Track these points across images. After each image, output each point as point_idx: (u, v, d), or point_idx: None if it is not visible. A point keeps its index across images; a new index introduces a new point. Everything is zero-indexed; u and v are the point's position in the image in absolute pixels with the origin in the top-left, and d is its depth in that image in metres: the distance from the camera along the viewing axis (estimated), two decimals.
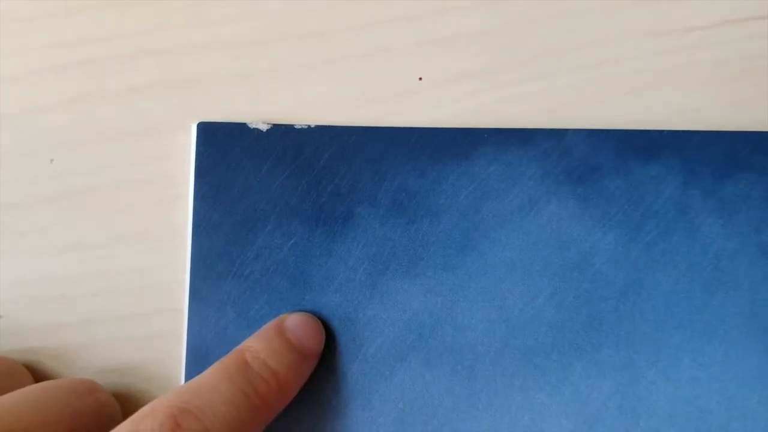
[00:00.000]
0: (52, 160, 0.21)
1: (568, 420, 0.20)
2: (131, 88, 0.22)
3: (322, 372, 0.20)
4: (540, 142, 0.21)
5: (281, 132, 0.21)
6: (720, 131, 0.21)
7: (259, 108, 0.22)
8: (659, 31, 0.22)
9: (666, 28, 0.22)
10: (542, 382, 0.20)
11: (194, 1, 0.22)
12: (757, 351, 0.20)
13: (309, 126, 0.21)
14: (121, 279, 0.21)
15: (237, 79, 0.22)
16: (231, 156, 0.21)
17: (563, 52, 0.22)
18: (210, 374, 0.18)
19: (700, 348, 0.20)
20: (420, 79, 0.21)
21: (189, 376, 0.20)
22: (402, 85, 0.22)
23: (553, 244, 0.21)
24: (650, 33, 0.22)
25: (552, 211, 0.21)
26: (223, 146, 0.21)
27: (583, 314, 0.20)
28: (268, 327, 0.20)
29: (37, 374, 0.21)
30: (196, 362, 0.20)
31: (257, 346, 0.19)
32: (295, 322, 0.20)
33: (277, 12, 0.22)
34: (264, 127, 0.21)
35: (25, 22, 0.22)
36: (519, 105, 0.21)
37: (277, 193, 0.21)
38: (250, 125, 0.21)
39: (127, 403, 0.21)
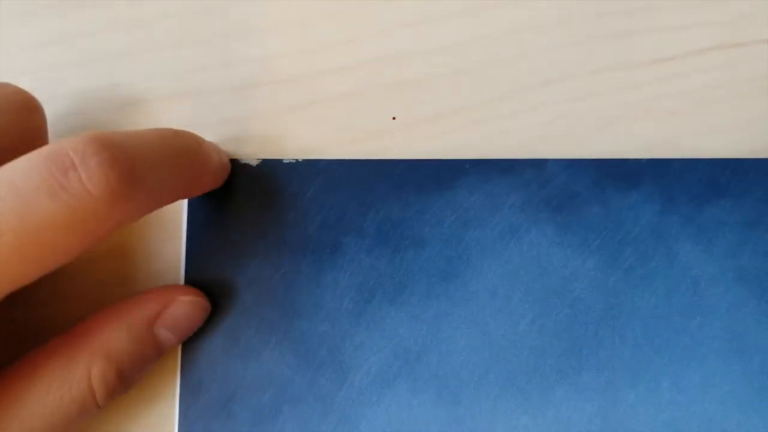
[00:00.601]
0: None
1: None
2: None
3: (310, 399, 0.21)
4: (520, 172, 0.22)
5: (270, 167, 0.22)
6: (697, 159, 0.22)
7: (247, 147, 0.22)
8: (628, 64, 0.22)
9: (634, 61, 0.22)
10: (525, 405, 0.21)
11: (179, 53, 0.23)
12: (735, 374, 0.21)
13: (297, 160, 0.22)
14: None
15: (225, 122, 0.23)
16: (222, 190, 0.22)
17: (534, 90, 0.22)
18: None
19: (680, 371, 0.21)
20: (394, 118, 0.22)
21: (183, 410, 0.21)
22: (376, 125, 0.22)
23: (534, 271, 0.21)
24: (619, 66, 0.22)
25: (532, 238, 0.21)
26: None
27: (564, 339, 0.21)
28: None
29: None
30: (190, 393, 0.21)
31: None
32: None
33: (255, 59, 0.23)
34: (254, 162, 0.22)
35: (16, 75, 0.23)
36: (492, 142, 0.22)
37: (267, 225, 0.22)
38: (240, 161, 0.22)
39: None
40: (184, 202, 0.22)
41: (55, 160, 0.15)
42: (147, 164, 0.17)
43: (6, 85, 0.20)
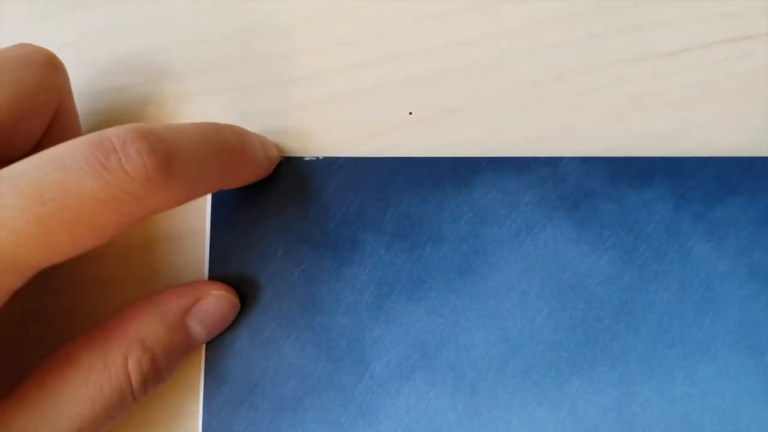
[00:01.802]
0: None
1: None
2: None
3: (331, 390, 0.21)
4: (536, 169, 0.22)
5: (291, 164, 0.22)
6: (710, 157, 0.22)
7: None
8: (637, 57, 0.23)
9: (644, 54, 0.23)
10: (541, 398, 0.21)
11: (198, 51, 0.24)
12: (748, 368, 0.21)
13: (317, 158, 0.22)
14: None
15: (245, 119, 0.23)
16: (244, 188, 0.22)
17: (546, 84, 0.23)
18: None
19: (693, 365, 0.21)
20: (410, 113, 0.23)
21: (207, 399, 0.21)
22: (393, 120, 0.23)
23: (550, 267, 0.22)
24: (629, 60, 0.23)
25: (548, 235, 0.22)
26: None
27: (579, 333, 0.21)
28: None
29: None
30: (214, 384, 0.21)
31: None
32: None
33: (273, 57, 0.23)
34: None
35: None
36: (506, 135, 0.23)
37: (288, 221, 0.22)
38: None
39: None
40: (208, 199, 0.22)
41: (98, 144, 0.16)
42: (184, 155, 0.17)
43: (27, 45, 0.20)
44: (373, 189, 0.22)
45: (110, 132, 0.17)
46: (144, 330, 0.19)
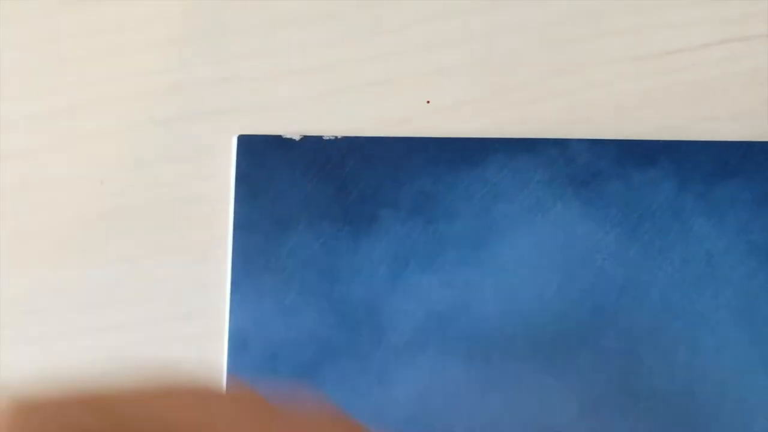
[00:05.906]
0: (102, 182, 0.24)
1: (573, 401, 0.22)
2: (174, 116, 0.24)
3: (348, 358, 0.22)
4: (546, 150, 0.23)
5: (312, 142, 0.23)
6: (711, 141, 0.23)
7: (291, 125, 0.24)
8: (642, 55, 0.24)
9: (648, 52, 0.24)
10: (549, 367, 0.22)
11: (214, 42, 0.25)
12: (745, 340, 0.22)
13: (336, 137, 0.23)
14: (169, 283, 0.23)
15: (268, 106, 0.24)
16: (267, 164, 0.23)
17: (556, 78, 0.24)
18: None
19: (694, 337, 0.22)
20: (428, 102, 0.24)
21: (230, 365, 0.22)
22: (412, 108, 0.24)
23: (559, 243, 0.23)
24: (634, 58, 0.24)
25: (558, 212, 0.23)
26: (260, 155, 0.23)
27: (587, 306, 0.22)
28: None
29: None
30: (237, 349, 0.22)
31: None
32: None
33: (299, 46, 0.24)
34: (297, 137, 0.23)
35: (78, 61, 0.25)
36: (518, 125, 0.24)
37: (308, 197, 0.23)
38: (284, 136, 0.23)
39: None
40: (231, 176, 0.23)
41: None
42: None
43: None
44: (390, 167, 0.23)
45: None
46: None
